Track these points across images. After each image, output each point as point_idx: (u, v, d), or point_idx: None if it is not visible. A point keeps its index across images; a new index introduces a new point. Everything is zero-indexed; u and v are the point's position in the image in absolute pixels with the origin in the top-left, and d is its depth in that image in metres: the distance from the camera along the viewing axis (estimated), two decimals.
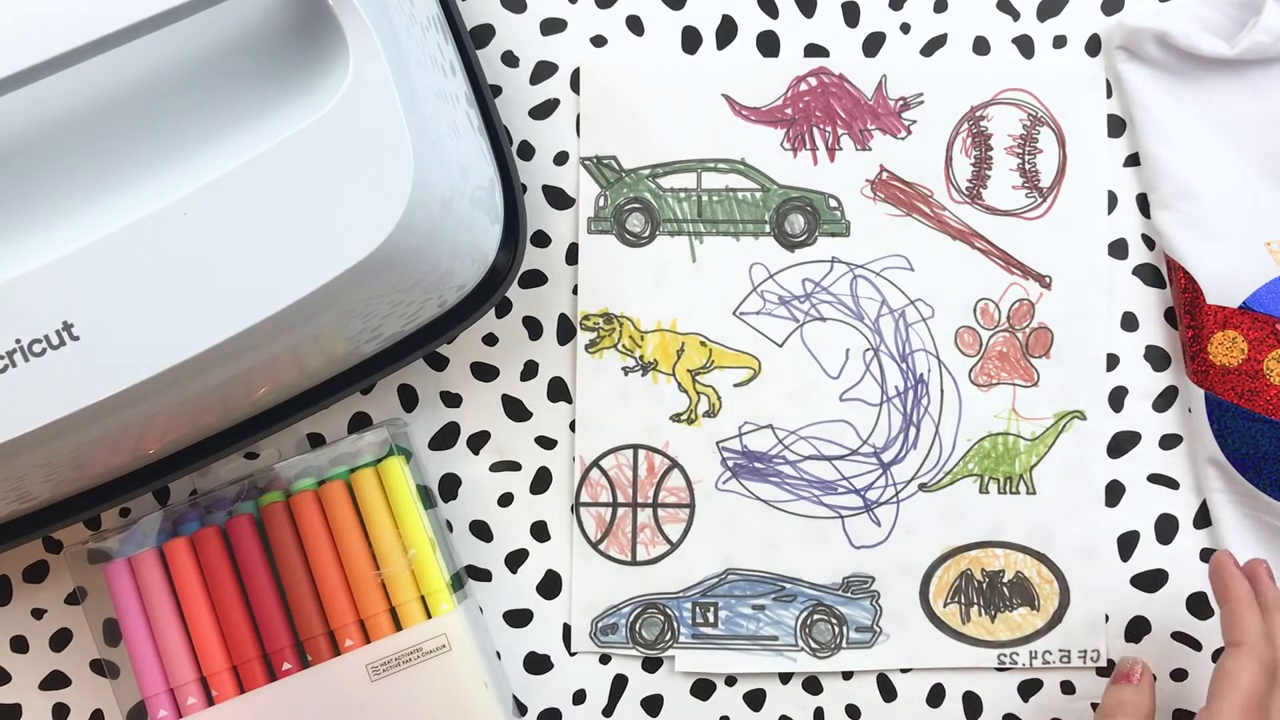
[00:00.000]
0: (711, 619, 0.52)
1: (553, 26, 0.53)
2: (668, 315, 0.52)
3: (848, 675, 0.52)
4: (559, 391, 0.52)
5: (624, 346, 0.52)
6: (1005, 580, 0.52)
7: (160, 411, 0.39)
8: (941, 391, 0.52)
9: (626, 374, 0.52)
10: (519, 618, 0.53)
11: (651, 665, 0.52)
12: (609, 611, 0.52)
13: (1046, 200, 0.52)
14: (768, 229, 0.52)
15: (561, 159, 0.53)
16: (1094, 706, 0.50)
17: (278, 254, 0.37)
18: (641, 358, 0.52)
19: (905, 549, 0.52)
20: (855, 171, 0.52)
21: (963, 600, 0.52)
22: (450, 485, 0.52)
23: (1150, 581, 0.52)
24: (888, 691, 0.52)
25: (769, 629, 0.52)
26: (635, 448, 0.52)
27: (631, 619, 0.52)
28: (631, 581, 0.52)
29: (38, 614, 0.52)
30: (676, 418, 0.52)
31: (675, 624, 0.52)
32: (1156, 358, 0.53)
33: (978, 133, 0.52)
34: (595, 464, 0.52)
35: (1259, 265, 0.51)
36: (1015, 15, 0.53)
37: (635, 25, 0.53)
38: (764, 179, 0.52)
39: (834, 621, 0.52)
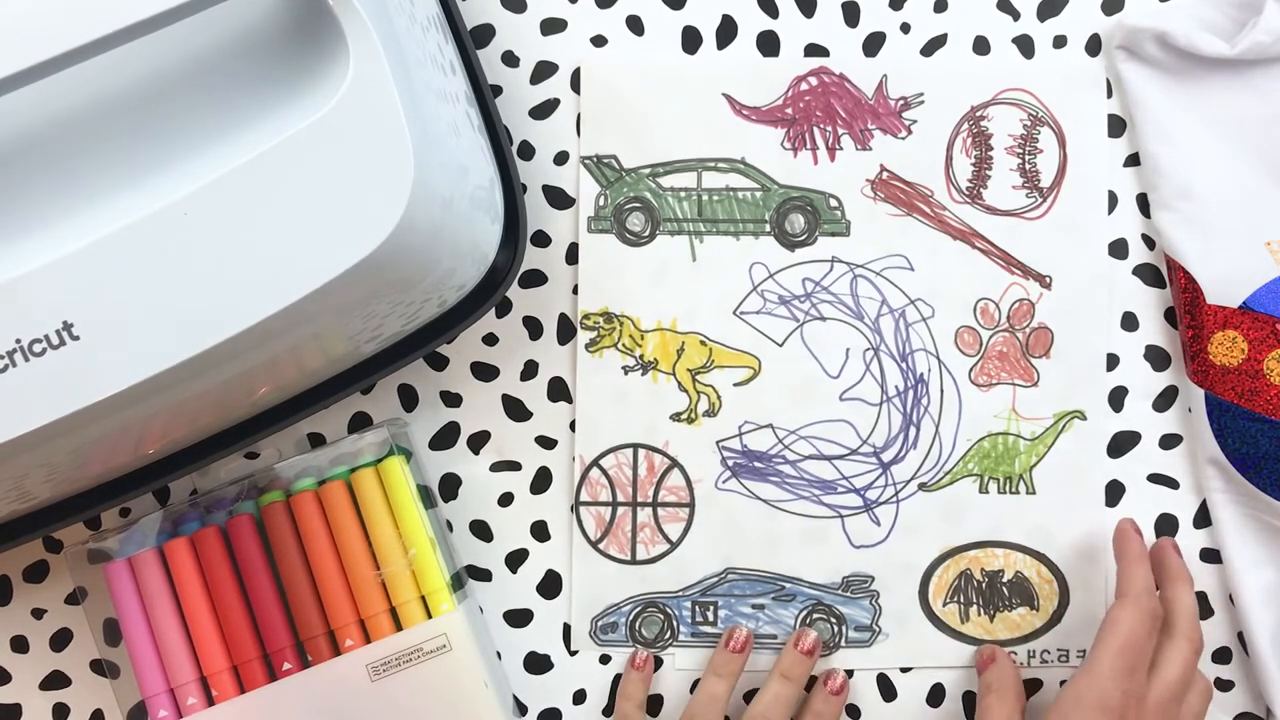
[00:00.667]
0: (711, 618, 0.52)
1: (553, 26, 0.53)
2: (668, 315, 0.52)
3: (848, 674, 0.52)
4: (559, 391, 0.52)
5: (624, 346, 0.52)
6: (1005, 580, 0.52)
7: (160, 411, 0.39)
8: (941, 391, 0.52)
9: (626, 373, 0.52)
10: (519, 617, 0.53)
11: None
12: (609, 611, 0.52)
13: (1047, 200, 0.52)
14: (768, 228, 0.52)
15: (561, 159, 0.53)
16: None
17: (278, 254, 0.37)
18: (641, 357, 0.52)
19: (905, 548, 0.52)
20: (855, 171, 0.52)
21: (962, 600, 0.52)
22: (450, 485, 0.52)
23: None
24: (888, 691, 0.52)
25: (769, 628, 0.52)
26: (635, 447, 0.52)
27: (631, 618, 0.52)
28: (631, 581, 0.52)
29: (38, 614, 0.52)
30: (676, 417, 0.52)
31: (675, 623, 0.52)
32: (1156, 358, 0.53)
33: (978, 133, 0.52)
34: (595, 463, 0.52)
35: (1259, 265, 0.51)
36: (1015, 15, 0.53)
37: (635, 25, 0.53)
38: (764, 178, 0.52)
39: (833, 621, 0.52)
